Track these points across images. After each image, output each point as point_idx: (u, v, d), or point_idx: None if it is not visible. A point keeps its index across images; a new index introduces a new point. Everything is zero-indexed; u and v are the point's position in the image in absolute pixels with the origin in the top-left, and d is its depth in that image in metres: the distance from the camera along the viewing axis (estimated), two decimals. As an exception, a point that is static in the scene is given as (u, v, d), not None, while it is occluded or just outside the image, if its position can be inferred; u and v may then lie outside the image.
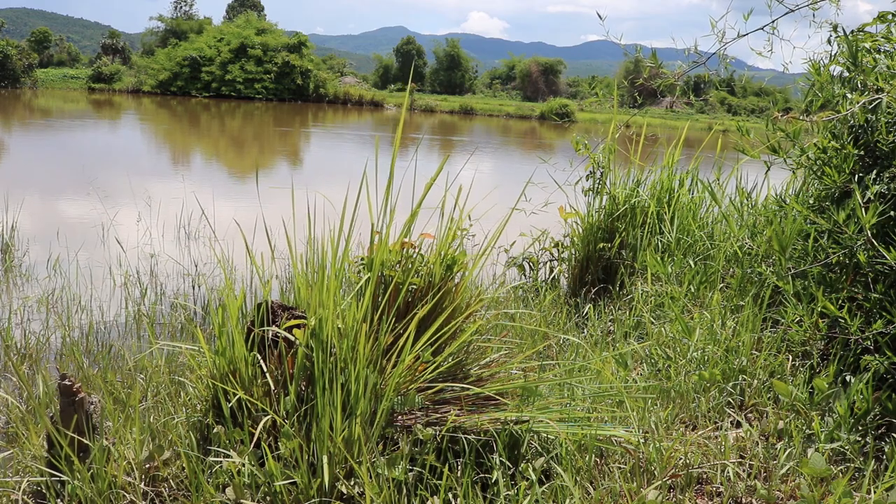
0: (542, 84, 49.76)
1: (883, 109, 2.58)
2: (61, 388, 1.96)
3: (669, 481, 2.04)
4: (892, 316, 2.36)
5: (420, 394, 2.10)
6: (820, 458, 1.92)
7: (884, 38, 2.88)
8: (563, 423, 2.08)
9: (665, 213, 4.21)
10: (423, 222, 2.41)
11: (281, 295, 3.01)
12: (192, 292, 4.50)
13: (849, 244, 2.52)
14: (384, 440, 2.02)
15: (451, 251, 2.40)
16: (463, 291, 2.37)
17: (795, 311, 2.63)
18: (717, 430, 2.34)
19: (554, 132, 28.98)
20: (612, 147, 4.27)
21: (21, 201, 5.99)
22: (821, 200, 3.01)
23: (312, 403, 1.94)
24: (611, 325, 3.52)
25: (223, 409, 1.99)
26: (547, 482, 1.98)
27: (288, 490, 1.83)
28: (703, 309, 3.19)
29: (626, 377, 2.63)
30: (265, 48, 37.42)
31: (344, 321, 2.04)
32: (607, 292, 4.01)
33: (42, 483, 1.90)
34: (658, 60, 3.58)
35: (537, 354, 2.92)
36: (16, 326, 3.49)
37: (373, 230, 2.31)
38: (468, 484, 1.85)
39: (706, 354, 2.72)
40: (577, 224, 4.34)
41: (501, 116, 38.45)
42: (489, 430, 2.04)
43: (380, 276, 2.29)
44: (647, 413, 2.30)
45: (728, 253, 3.57)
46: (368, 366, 1.98)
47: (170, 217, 6.33)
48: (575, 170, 4.28)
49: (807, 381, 2.51)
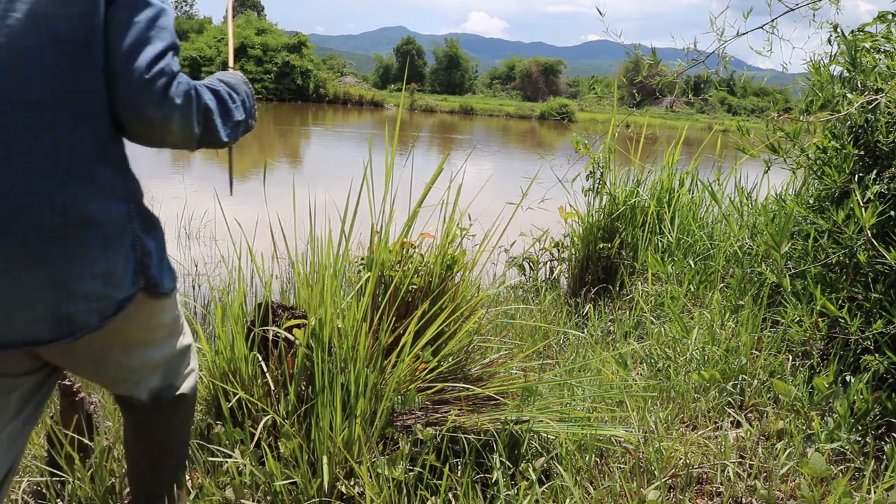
0: (542, 84, 49.78)
1: (882, 109, 2.58)
2: (61, 388, 1.97)
3: (669, 481, 2.04)
4: (892, 316, 2.36)
5: (420, 394, 2.10)
6: (820, 458, 1.92)
7: (884, 38, 2.88)
8: (563, 423, 2.09)
9: (665, 213, 4.22)
10: (423, 222, 2.41)
11: (281, 295, 3.01)
12: (192, 292, 4.50)
13: (849, 244, 2.53)
14: (384, 440, 2.02)
15: (452, 251, 2.40)
16: (463, 291, 2.37)
17: (795, 311, 2.63)
18: (717, 430, 2.34)
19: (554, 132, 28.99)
20: (612, 147, 4.27)
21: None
22: (821, 200, 3.01)
23: (312, 403, 1.95)
24: (611, 325, 3.52)
25: (223, 409, 1.99)
26: (547, 482, 1.98)
27: (288, 490, 1.83)
28: (703, 309, 3.19)
29: (626, 377, 2.63)
30: (265, 48, 37.41)
31: (344, 321, 2.04)
32: (607, 292, 4.01)
33: (42, 483, 1.90)
34: (658, 59, 3.59)
35: (537, 354, 2.92)
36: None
37: (372, 230, 2.32)
38: (468, 484, 1.85)
39: (706, 354, 2.73)
40: (577, 224, 4.34)
41: (501, 116, 38.47)
42: (489, 430, 2.04)
43: (380, 275, 2.29)
44: (647, 413, 2.30)
45: (728, 253, 3.58)
46: (368, 366, 1.99)
47: (170, 217, 6.33)
48: (573, 166, 4.28)
49: (807, 381, 2.52)
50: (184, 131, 1.32)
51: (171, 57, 1.30)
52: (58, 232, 1.24)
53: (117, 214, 1.32)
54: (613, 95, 5.23)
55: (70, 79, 1.24)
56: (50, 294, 1.26)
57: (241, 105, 1.51)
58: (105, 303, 1.32)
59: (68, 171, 1.25)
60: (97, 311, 1.31)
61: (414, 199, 2.36)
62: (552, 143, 24.11)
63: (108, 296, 1.32)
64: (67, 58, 1.23)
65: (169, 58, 1.29)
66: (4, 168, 1.20)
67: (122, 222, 1.33)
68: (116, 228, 1.32)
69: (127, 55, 1.25)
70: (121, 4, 1.27)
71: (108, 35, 1.26)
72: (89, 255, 1.28)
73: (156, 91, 1.26)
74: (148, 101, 1.26)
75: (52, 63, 1.22)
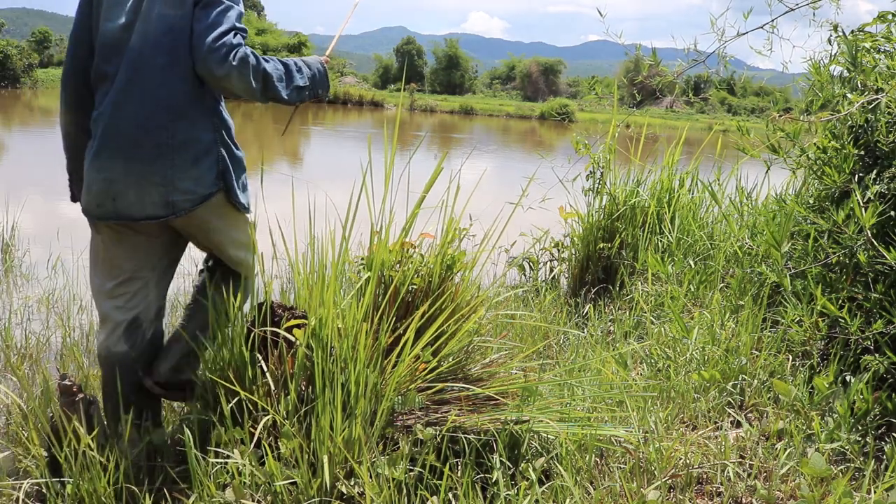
0: (543, 84, 49.74)
1: (882, 109, 2.58)
2: (61, 388, 1.97)
3: (669, 481, 2.04)
4: (892, 316, 2.36)
5: (420, 394, 2.10)
6: (820, 458, 1.92)
7: (884, 38, 2.88)
8: (563, 423, 2.09)
9: (665, 213, 4.21)
10: (423, 222, 2.41)
11: (281, 294, 3.01)
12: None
13: (849, 244, 2.52)
14: (384, 440, 2.02)
15: (451, 251, 2.40)
16: (463, 291, 2.37)
17: (795, 311, 2.63)
18: (717, 430, 2.34)
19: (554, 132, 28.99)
20: (612, 147, 4.27)
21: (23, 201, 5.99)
22: (821, 200, 3.01)
23: (313, 403, 1.95)
24: (611, 325, 3.52)
25: (223, 409, 1.99)
26: (547, 482, 1.98)
27: (288, 490, 1.83)
28: (703, 309, 3.19)
29: (626, 377, 2.63)
30: (265, 48, 37.39)
31: (344, 321, 2.04)
32: (607, 292, 4.01)
33: (42, 483, 1.90)
34: (658, 59, 3.59)
35: (537, 354, 2.92)
36: (16, 326, 3.49)
37: (372, 230, 2.32)
38: (468, 484, 1.85)
39: (706, 354, 2.73)
40: (577, 224, 4.34)
41: (501, 116, 38.46)
42: (489, 430, 2.04)
43: (380, 276, 2.29)
44: (647, 413, 2.30)
45: (728, 253, 3.58)
46: (369, 366, 1.99)
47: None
48: (573, 166, 4.28)
49: (807, 381, 2.51)
50: (241, 84, 1.98)
51: (232, 35, 1.98)
52: (168, 149, 1.98)
53: (206, 139, 2.04)
54: (613, 95, 5.23)
55: (175, 53, 1.97)
56: (162, 188, 1.99)
57: (310, 78, 2.18)
58: (195, 195, 2.03)
59: (176, 111, 1.98)
60: (189, 201, 2.02)
61: (413, 199, 2.36)
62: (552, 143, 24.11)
63: (196, 191, 2.03)
64: (175, 39, 1.98)
65: (230, 36, 1.97)
66: (141, 108, 1.96)
67: (209, 145, 2.05)
68: (205, 148, 2.04)
69: (201, 33, 1.97)
70: (202, 4, 2.00)
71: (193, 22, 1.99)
72: (187, 164, 2.00)
73: (219, 56, 1.94)
74: (213, 62, 1.94)
75: (168, 42, 1.97)
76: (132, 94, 1.96)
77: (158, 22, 1.98)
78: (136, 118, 1.95)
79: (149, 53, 1.96)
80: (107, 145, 1.97)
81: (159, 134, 1.96)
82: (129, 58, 1.98)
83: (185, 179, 2.00)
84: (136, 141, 1.96)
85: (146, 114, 1.95)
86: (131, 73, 1.97)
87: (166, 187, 1.98)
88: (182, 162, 1.99)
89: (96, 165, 1.99)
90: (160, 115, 1.96)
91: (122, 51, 1.99)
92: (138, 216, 2.01)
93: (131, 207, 2.00)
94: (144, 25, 1.98)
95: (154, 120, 1.96)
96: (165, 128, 1.96)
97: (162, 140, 1.96)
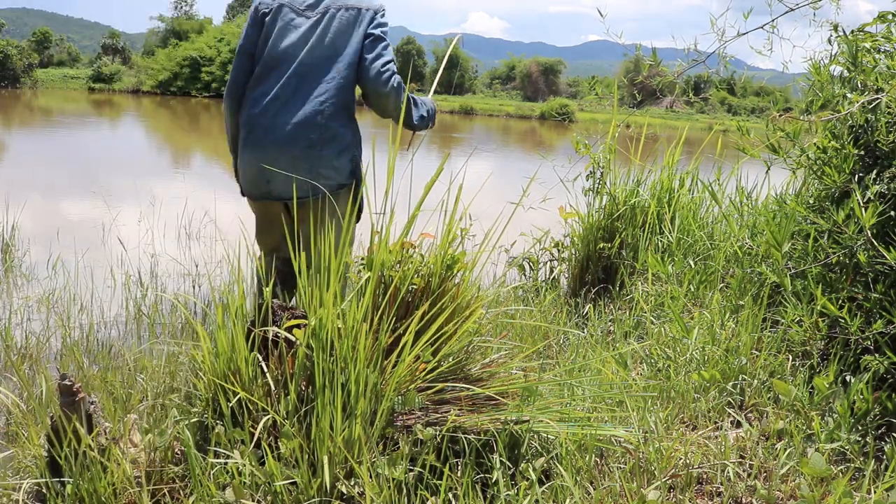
0: (543, 84, 49.75)
1: (883, 109, 2.58)
2: (61, 388, 1.97)
3: (669, 481, 2.04)
4: (892, 316, 2.36)
5: (420, 394, 2.10)
6: (820, 458, 1.92)
7: (884, 38, 2.88)
8: (563, 423, 2.09)
9: (665, 213, 4.21)
10: (423, 222, 2.41)
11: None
12: (193, 292, 4.50)
13: (849, 244, 2.52)
14: (384, 440, 2.02)
15: (452, 251, 2.40)
16: (464, 291, 2.37)
17: (795, 311, 2.63)
18: (717, 430, 2.34)
19: (554, 132, 28.98)
20: (612, 147, 4.26)
21: (23, 201, 5.99)
22: (821, 200, 3.01)
23: (313, 403, 1.94)
24: (611, 325, 3.52)
25: (223, 409, 1.99)
26: (547, 482, 1.98)
27: (288, 490, 1.83)
28: (703, 309, 3.19)
29: (626, 377, 2.63)
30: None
31: (344, 321, 2.04)
32: (607, 292, 4.01)
33: (42, 483, 1.90)
34: (658, 59, 3.59)
35: (537, 354, 2.92)
36: (16, 326, 3.49)
37: (372, 229, 2.32)
38: (468, 484, 1.85)
39: (706, 354, 2.72)
40: (578, 224, 4.33)
41: (501, 116, 38.45)
42: (489, 430, 2.04)
43: (380, 276, 2.29)
44: (647, 413, 2.30)
45: (728, 253, 3.57)
46: (369, 366, 1.98)
47: (171, 217, 6.34)
48: (573, 166, 4.28)
49: (807, 381, 2.51)
50: (395, 102, 2.66)
51: (392, 64, 2.70)
52: (319, 143, 2.63)
53: (347, 140, 2.70)
54: (614, 96, 5.22)
55: (341, 71, 2.66)
56: (310, 174, 2.62)
57: (429, 111, 2.89)
58: (334, 182, 2.68)
59: (330, 114, 2.64)
60: (328, 186, 2.65)
61: (414, 199, 2.36)
62: (552, 143, 24.10)
63: (335, 179, 2.68)
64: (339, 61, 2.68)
65: (391, 65, 2.69)
66: (307, 108, 2.61)
67: (349, 143, 2.71)
68: (345, 146, 2.69)
69: (372, 60, 2.68)
70: (371, 38, 2.70)
71: (362, 52, 2.70)
72: (331, 156, 2.66)
73: (383, 80, 2.66)
74: (380, 83, 2.66)
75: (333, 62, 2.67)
76: (297, 98, 2.59)
77: (328, 47, 2.65)
78: (297, 117, 2.58)
79: (316, 68, 2.63)
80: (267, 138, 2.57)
81: (315, 130, 2.59)
82: (297, 70, 2.62)
83: (328, 168, 2.63)
84: (293, 136, 2.58)
85: (310, 114, 2.59)
86: (299, 82, 2.61)
87: (313, 174, 2.60)
88: (328, 154, 2.62)
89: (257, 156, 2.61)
90: (319, 116, 2.60)
91: (290, 64, 2.62)
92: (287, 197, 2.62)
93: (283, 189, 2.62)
94: (316, 46, 2.64)
95: (314, 119, 2.59)
96: (320, 126, 2.60)
97: (315, 135, 2.60)
